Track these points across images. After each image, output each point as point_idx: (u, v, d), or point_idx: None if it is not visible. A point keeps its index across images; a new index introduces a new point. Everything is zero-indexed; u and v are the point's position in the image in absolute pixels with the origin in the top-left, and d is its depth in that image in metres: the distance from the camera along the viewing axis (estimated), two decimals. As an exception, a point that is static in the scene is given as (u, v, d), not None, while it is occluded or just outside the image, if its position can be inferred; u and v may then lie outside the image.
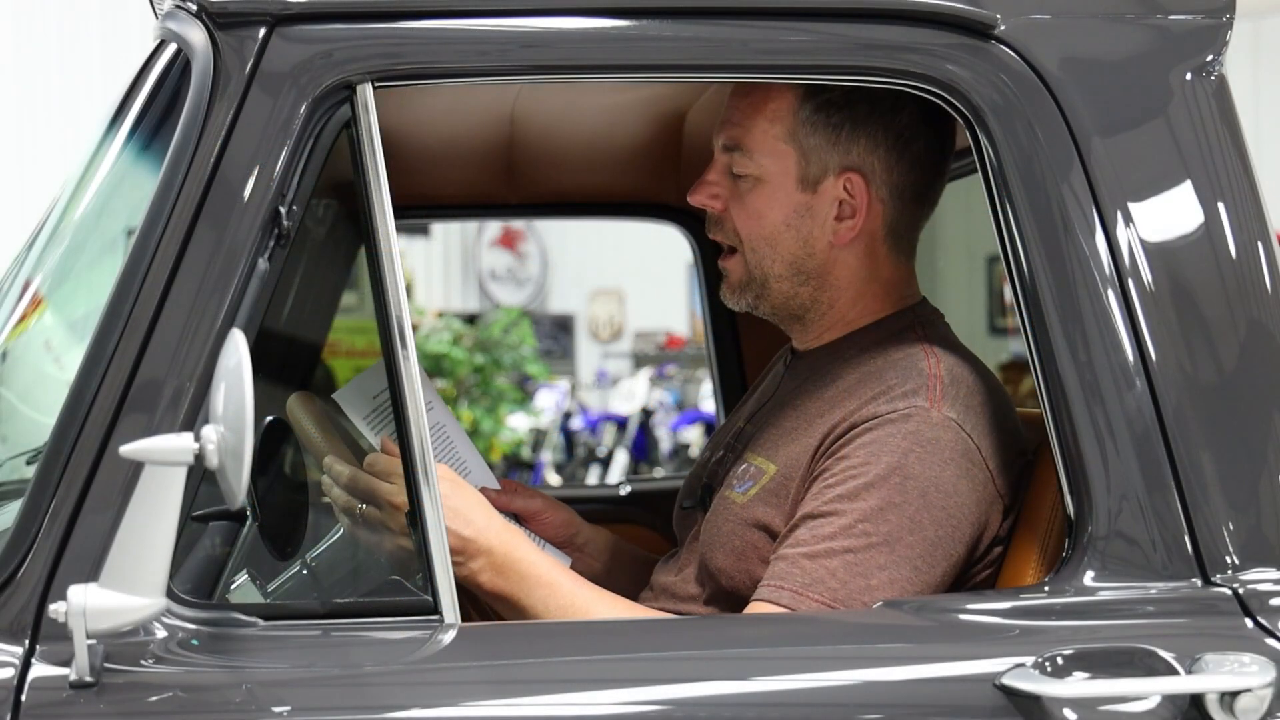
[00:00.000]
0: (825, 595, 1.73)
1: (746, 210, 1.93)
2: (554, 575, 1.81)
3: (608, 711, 1.56)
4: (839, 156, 1.91)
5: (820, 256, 1.93)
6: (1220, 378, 1.68)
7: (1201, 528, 1.64)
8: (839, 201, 1.91)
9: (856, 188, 1.91)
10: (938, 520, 1.76)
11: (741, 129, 1.92)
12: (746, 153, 1.92)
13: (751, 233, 1.93)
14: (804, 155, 1.91)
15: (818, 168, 1.91)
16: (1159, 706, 1.55)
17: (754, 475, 1.91)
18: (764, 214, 1.92)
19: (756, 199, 1.92)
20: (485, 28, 1.68)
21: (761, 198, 1.92)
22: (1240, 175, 1.72)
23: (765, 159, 1.91)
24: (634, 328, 14.74)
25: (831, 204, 1.92)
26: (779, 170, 1.91)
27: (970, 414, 1.82)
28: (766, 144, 1.91)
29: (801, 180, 1.91)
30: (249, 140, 1.62)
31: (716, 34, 1.71)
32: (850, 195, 1.91)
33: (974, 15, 1.70)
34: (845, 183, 1.91)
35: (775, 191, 1.91)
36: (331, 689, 1.54)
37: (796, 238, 1.92)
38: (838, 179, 1.91)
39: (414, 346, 1.65)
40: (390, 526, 1.82)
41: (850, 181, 1.91)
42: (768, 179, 1.91)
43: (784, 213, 1.92)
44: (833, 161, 1.91)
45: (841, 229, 1.92)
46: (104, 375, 1.57)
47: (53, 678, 1.49)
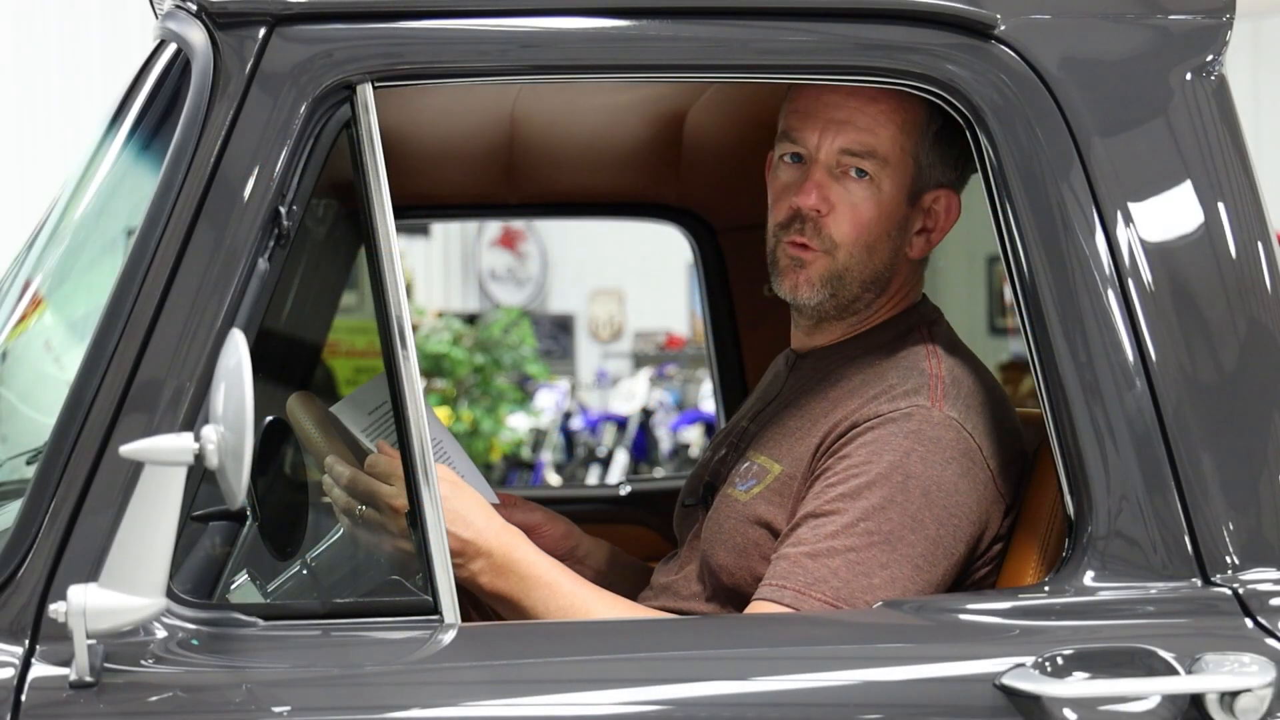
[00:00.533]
0: (828, 594, 1.73)
1: (856, 216, 1.90)
2: (553, 575, 1.81)
3: (608, 711, 1.56)
4: (940, 173, 1.92)
5: (897, 267, 1.94)
6: (1220, 378, 1.68)
7: (1201, 528, 1.64)
8: (926, 214, 1.93)
9: (948, 205, 1.93)
10: (939, 519, 1.76)
11: (873, 136, 1.88)
12: (879, 160, 1.89)
13: (854, 239, 1.90)
14: (919, 170, 1.91)
15: (925, 183, 1.92)
16: (1159, 706, 1.55)
17: (757, 474, 1.91)
18: (873, 223, 1.90)
19: (869, 207, 1.90)
20: (485, 28, 1.68)
21: (874, 206, 1.90)
22: (1240, 175, 1.72)
23: (891, 169, 1.89)
24: (634, 328, 14.73)
25: (920, 218, 1.93)
26: (898, 182, 1.90)
27: (971, 414, 1.82)
28: (895, 154, 1.89)
29: (910, 193, 1.91)
30: (249, 140, 1.62)
31: (716, 34, 1.71)
32: (940, 212, 1.93)
33: (974, 15, 1.70)
34: (943, 198, 1.93)
35: (888, 202, 1.90)
36: (331, 689, 1.54)
37: (890, 249, 1.92)
38: (934, 193, 1.92)
39: (414, 346, 1.65)
40: (390, 528, 1.82)
41: (948, 199, 1.93)
42: (885, 189, 1.90)
43: (890, 223, 1.91)
44: (933, 178, 1.92)
45: (919, 242, 1.94)
46: (104, 375, 1.57)
47: (53, 678, 1.49)
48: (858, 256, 1.91)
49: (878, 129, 1.88)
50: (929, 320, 1.97)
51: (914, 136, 1.90)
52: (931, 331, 1.95)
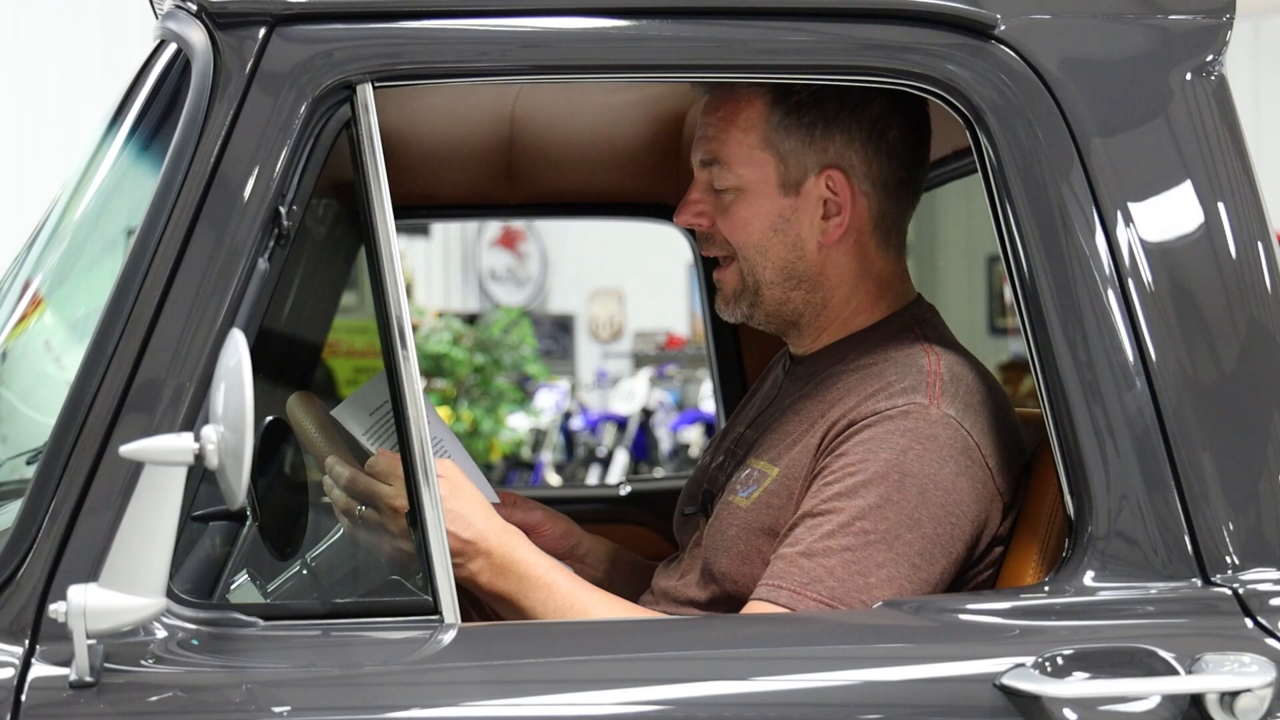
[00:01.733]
0: (824, 594, 1.73)
1: (733, 222, 1.94)
2: (552, 576, 1.81)
3: (608, 711, 1.56)
4: (816, 155, 1.91)
5: (811, 258, 1.94)
6: (1220, 378, 1.68)
7: (1201, 528, 1.64)
8: (823, 200, 1.92)
9: (839, 184, 1.92)
10: (936, 518, 1.76)
11: (717, 142, 1.93)
12: (725, 165, 1.93)
13: (742, 242, 1.94)
14: (782, 160, 1.91)
15: (797, 170, 1.91)
16: (1159, 706, 1.55)
17: (757, 479, 1.91)
18: (750, 223, 1.93)
19: (741, 209, 1.93)
20: (485, 28, 1.68)
21: (746, 207, 1.93)
22: (1240, 175, 1.72)
23: (744, 169, 1.92)
24: (634, 328, 14.74)
25: (816, 204, 1.92)
26: (759, 178, 1.92)
27: (969, 412, 1.82)
28: (743, 154, 1.92)
29: (783, 185, 1.92)
30: (249, 140, 1.62)
31: (716, 34, 1.71)
32: (834, 192, 1.92)
33: (974, 15, 1.70)
34: (827, 181, 1.92)
35: (758, 199, 1.92)
36: (331, 689, 1.54)
37: (785, 242, 1.93)
38: (819, 178, 1.92)
39: (414, 346, 1.65)
40: (389, 528, 1.82)
41: (831, 179, 1.92)
42: (749, 188, 1.92)
43: (770, 219, 1.92)
44: (811, 161, 1.91)
45: (829, 227, 1.93)
46: (104, 375, 1.57)
47: (53, 678, 1.49)
48: (753, 259, 1.94)
49: (719, 135, 1.93)
50: (923, 319, 1.97)
51: (757, 130, 1.91)
52: (926, 330, 1.95)
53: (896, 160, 1.94)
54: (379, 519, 1.83)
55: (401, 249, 1.94)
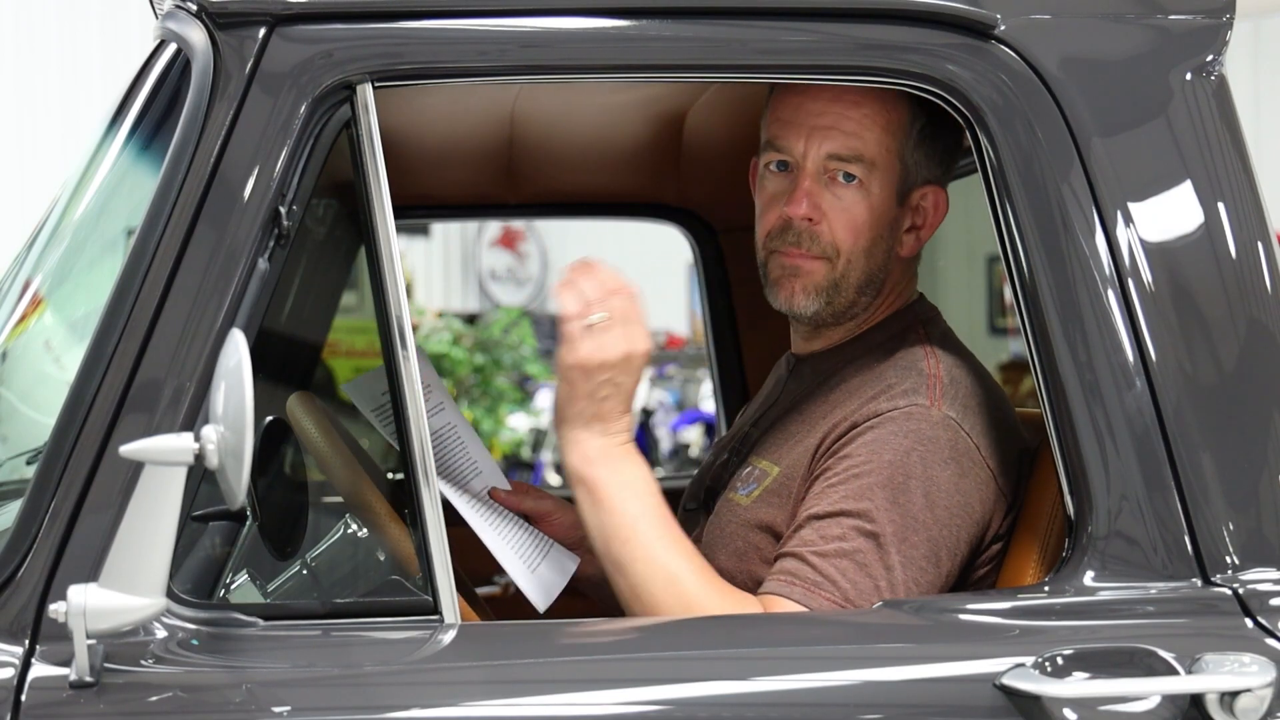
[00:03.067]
0: (836, 595, 1.73)
1: (850, 221, 1.89)
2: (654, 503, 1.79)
3: (608, 711, 1.56)
4: (926, 170, 1.93)
5: (889, 267, 1.94)
6: (1220, 378, 1.68)
7: (1201, 528, 1.64)
8: (914, 212, 1.93)
9: (938, 201, 1.93)
10: (941, 520, 1.76)
11: (859, 140, 1.88)
12: (867, 164, 1.88)
13: (852, 245, 1.90)
14: (906, 170, 1.91)
15: (911, 181, 1.92)
16: (1159, 706, 1.55)
17: (758, 478, 1.92)
18: (866, 226, 1.90)
19: (862, 211, 1.89)
20: (485, 28, 1.68)
21: (866, 210, 1.89)
22: (1240, 175, 1.72)
23: (880, 172, 1.89)
24: (634, 328, 14.70)
25: (909, 216, 1.93)
26: (886, 183, 1.90)
27: (969, 414, 1.83)
28: (883, 157, 1.89)
29: (899, 193, 1.92)
30: (249, 140, 1.62)
31: (716, 34, 1.71)
32: (928, 208, 1.93)
33: (974, 15, 1.70)
34: (931, 196, 1.93)
35: (878, 204, 1.90)
36: (331, 689, 1.54)
37: (884, 250, 1.92)
38: (921, 191, 1.93)
39: (414, 346, 1.65)
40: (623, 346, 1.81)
41: (935, 196, 1.93)
42: (875, 191, 1.89)
43: (882, 225, 1.91)
44: (920, 176, 1.92)
45: (909, 240, 1.94)
46: (104, 375, 1.57)
47: (53, 678, 1.49)
48: (855, 261, 1.90)
49: (863, 132, 1.88)
50: (925, 320, 1.97)
51: (899, 137, 1.90)
52: (928, 331, 1.95)
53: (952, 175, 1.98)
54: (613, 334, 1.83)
55: (401, 249, 1.94)
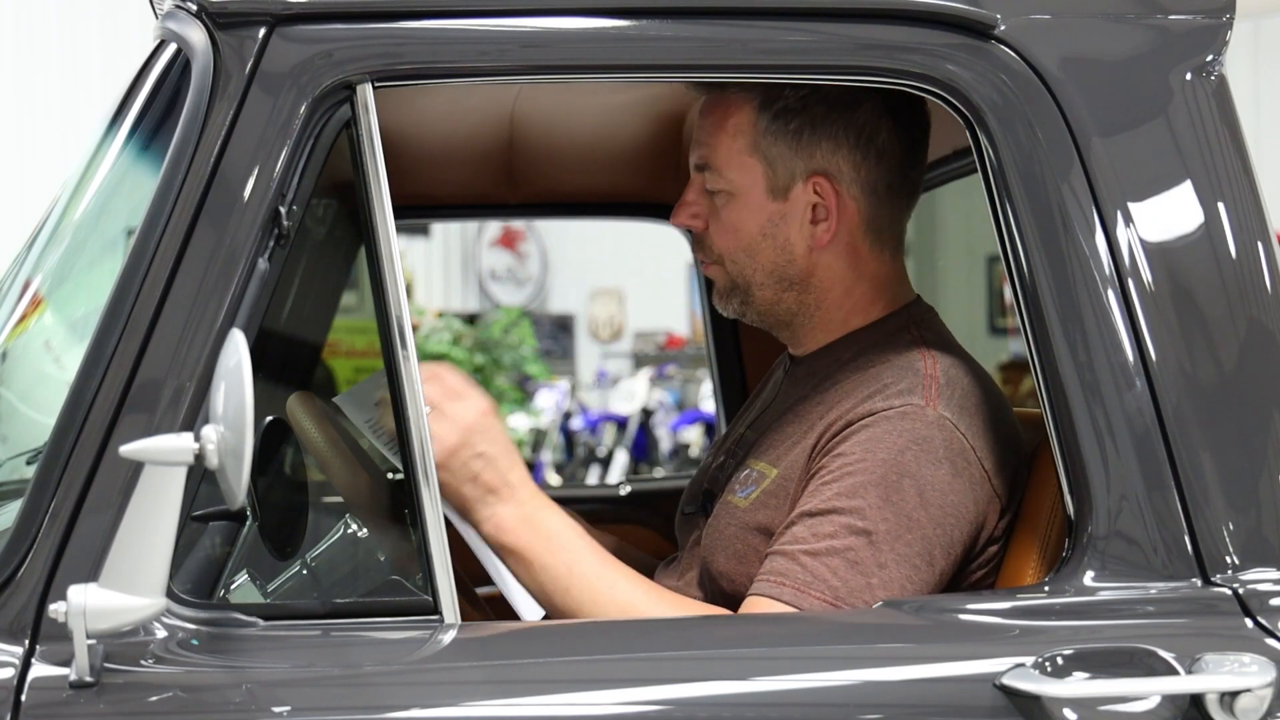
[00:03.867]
0: (826, 594, 1.73)
1: (723, 225, 1.96)
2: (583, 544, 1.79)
3: (608, 711, 1.56)
4: (803, 161, 1.92)
5: (801, 262, 1.95)
6: (1220, 378, 1.68)
7: (1201, 528, 1.64)
8: (812, 206, 1.93)
9: (825, 190, 1.93)
10: (935, 519, 1.77)
11: (708, 147, 1.95)
12: (715, 170, 1.94)
13: (730, 246, 1.96)
14: (769, 165, 1.92)
15: (785, 176, 1.92)
16: (1159, 706, 1.55)
17: (755, 480, 1.92)
18: (739, 227, 1.94)
19: (731, 213, 1.95)
20: (485, 28, 1.68)
21: (735, 211, 1.94)
22: (1240, 175, 1.72)
23: (733, 173, 1.93)
24: (634, 328, 14.74)
25: (805, 209, 1.93)
26: (748, 183, 1.93)
27: (965, 414, 1.83)
28: (733, 159, 1.93)
29: (771, 190, 1.93)
30: (249, 140, 1.62)
31: (716, 34, 1.71)
32: (821, 198, 1.93)
33: (974, 15, 1.70)
34: (814, 186, 1.93)
35: (747, 204, 1.93)
36: (331, 689, 1.54)
37: (774, 246, 1.94)
38: (806, 184, 1.93)
39: (414, 346, 1.65)
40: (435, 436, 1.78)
41: (818, 185, 1.92)
42: (739, 193, 1.93)
43: (759, 223, 1.94)
44: (798, 167, 1.92)
45: (818, 232, 1.94)
46: (104, 375, 1.57)
47: (53, 678, 1.49)
48: (741, 262, 1.95)
49: (709, 140, 1.95)
50: (921, 320, 1.98)
51: (745, 136, 1.92)
52: (924, 331, 1.95)
53: (887, 164, 1.95)
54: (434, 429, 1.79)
55: (401, 249, 1.94)
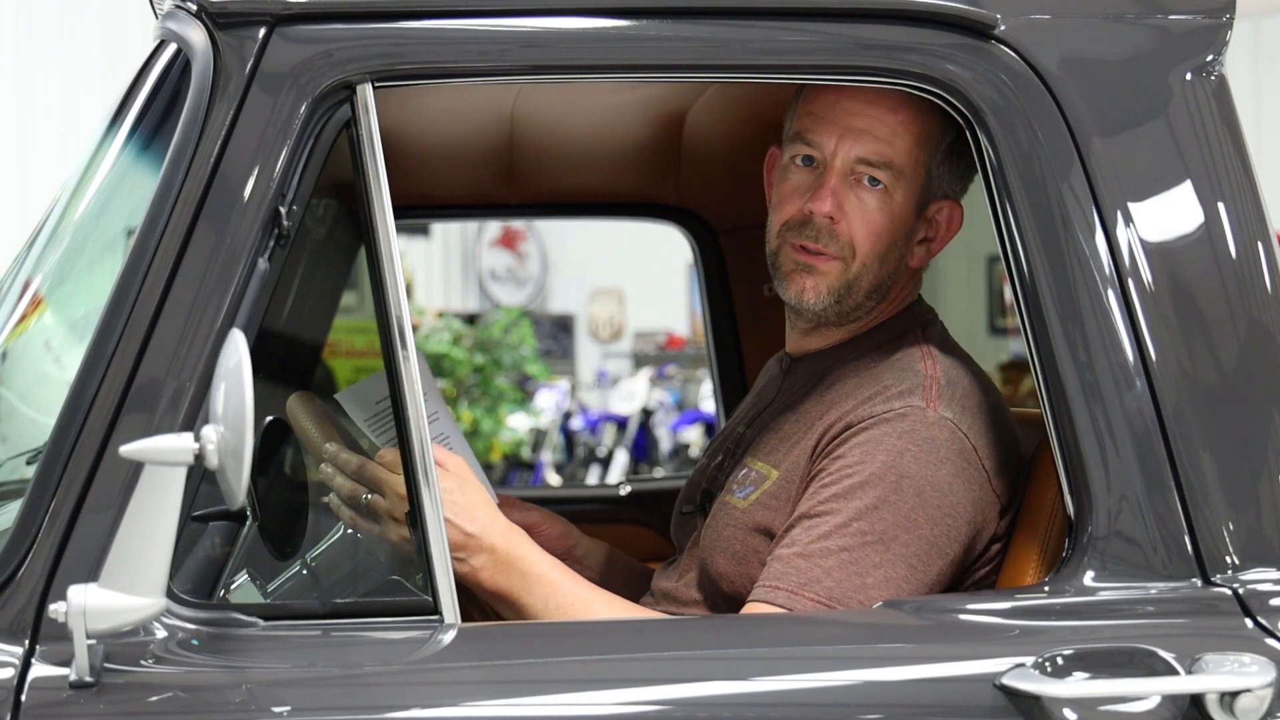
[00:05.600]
0: (821, 594, 1.73)
1: (870, 225, 1.89)
2: (555, 575, 1.81)
3: (608, 711, 1.56)
4: (947, 185, 1.93)
5: (898, 274, 1.95)
6: (1220, 378, 1.68)
7: (1201, 528, 1.64)
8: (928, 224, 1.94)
9: (953, 217, 1.94)
10: (933, 519, 1.76)
11: (890, 147, 1.88)
12: (895, 171, 1.89)
13: (869, 248, 1.90)
14: (929, 182, 1.92)
15: (932, 194, 1.92)
16: (1159, 706, 1.55)
17: (755, 480, 1.91)
18: (886, 232, 1.90)
19: (883, 216, 1.90)
20: (485, 28, 1.68)
21: (887, 216, 1.90)
22: (1240, 175, 1.72)
23: (906, 180, 1.90)
24: (634, 328, 14.73)
25: (924, 228, 1.94)
26: (909, 193, 1.91)
27: (966, 414, 1.83)
28: (911, 166, 1.90)
29: (919, 204, 1.92)
30: (249, 140, 1.62)
31: (716, 34, 1.71)
32: (941, 221, 1.94)
33: (974, 15, 1.70)
34: (946, 209, 1.94)
35: (899, 211, 1.91)
36: (331, 689, 1.54)
37: (898, 257, 1.93)
38: (939, 205, 1.93)
39: (414, 346, 1.65)
40: (396, 515, 1.81)
41: (951, 211, 1.94)
42: (898, 199, 1.90)
43: (899, 233, 1.92)
44: (940, 189, 1.93)
45: (920, 251, 1.95)
46: (104, 375, 1.57)
47: (53, 678, 1.49)
48: (870, 265, 1.91)
49: (895, 140, 1.88)
50: (923, 322, 1.97)
51: (929, 149, 1.90)
52: (926, 333, 1.95)
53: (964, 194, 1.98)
54: (385, 506, 1.82)
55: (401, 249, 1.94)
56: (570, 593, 1.80)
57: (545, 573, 1.80)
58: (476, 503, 1.81)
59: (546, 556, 1.83)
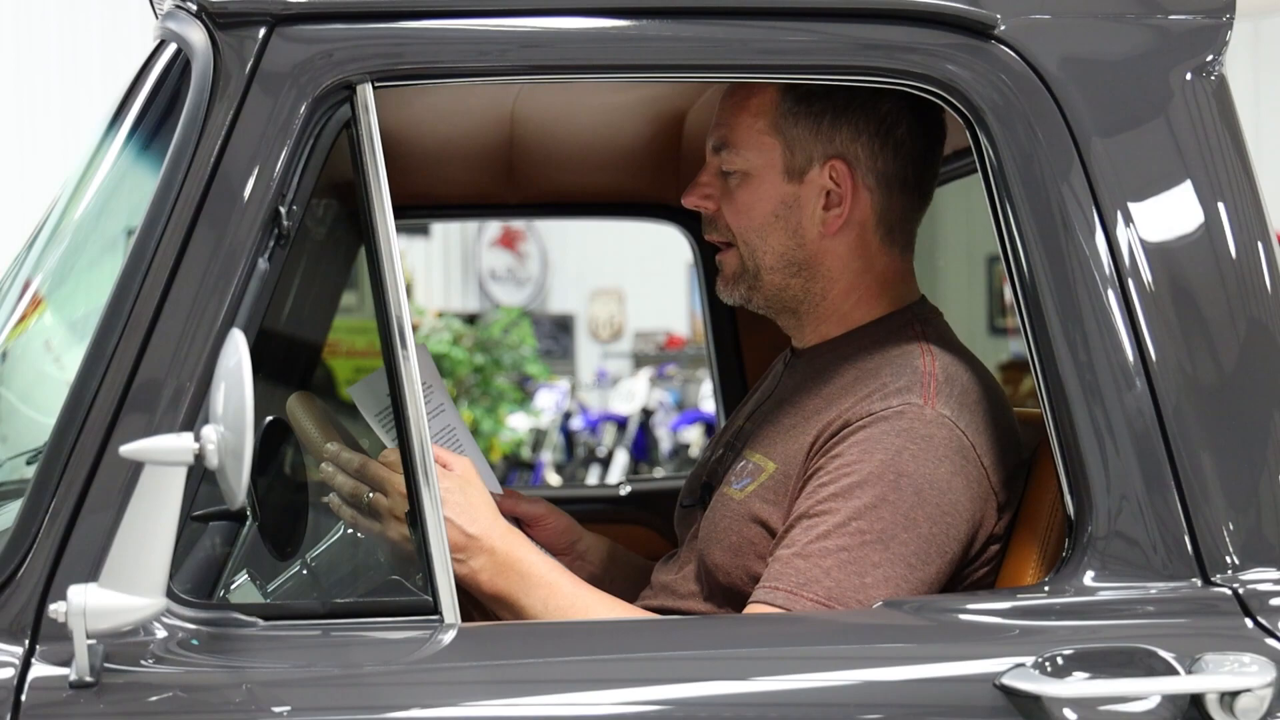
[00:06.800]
0: (820, 594, 1.73)
1: (736, 206, 1.95)
2: (554, 577, 1.81)
3: (608, 711, 1.56)
4: (822, 145, 1.92)
5: (810, 247, 1.94)
6: (1220, 378, 1.68)
7: (1201, 528, 1.64)
8: (826, 191, 1.93)
9: (841, 175, 1.92)
10: (932, 517, 1.76)
11: (727, 127, 1.95)
12: (733, 149, 1.94)
13: (742, 226, 1.95)
14: (788, 146, 1.92)
15: (802, 158, 1.92)
16: (1159, 706, 1.55)
17: (752, 472, 1.91)
18: (753, 207, 1.94)
19: (745, 194, 1.94)
20: (485, 28, 1.68)
21: (749, 192, 1.94)
22: (1240, 175, 1.72)
23: (750, 153, 1.93)
24: (634, 328, 14.74)
25: (819, 194, 1.93)
26: (765, 163, 1.93)
27: (965, 411, 1.82)
28: (751, 138, 1.93)
29: (787, 171, 1.93)
30: (249, 140, 1.62)
31: (716, 34, 1.71)
32: (836, 183, 1.93)
33: (974, 15, 1.70)
34: (830, 171, 1.92)
35: (762, 184, 1.93)
36: (331, 689, 1.54)
37: (785, 228, 1.94)
38: (823, 168, 1.92)
39: (414, 346, 1.65)
40: (397, 513, 1.81)
41: (835, 169, 1.92)
42: (754, 173, 1.94)
43: (772, 204, 1.93)
44: (817, 151, 1.92)
45: (829, 218, 1.94)
46: (104, 375, 1.57)
47: (53, 678, 1.49)
48: (753, 244, 1.95)
49: (730, 120, 1.95)
50: (923, 318, 1.97)
51: (767, 116, 1.92)
52: (925, 329, 1.95)
53: (904, 158, 1.95)
54: (387, 505, 1.82)
55: (401, 249, 1.94)
56: (570, 594, 1.80)
57: (545, 574, 1.81)
58: (479, 505, 1.81)
59: (546, 559, 1.83)
